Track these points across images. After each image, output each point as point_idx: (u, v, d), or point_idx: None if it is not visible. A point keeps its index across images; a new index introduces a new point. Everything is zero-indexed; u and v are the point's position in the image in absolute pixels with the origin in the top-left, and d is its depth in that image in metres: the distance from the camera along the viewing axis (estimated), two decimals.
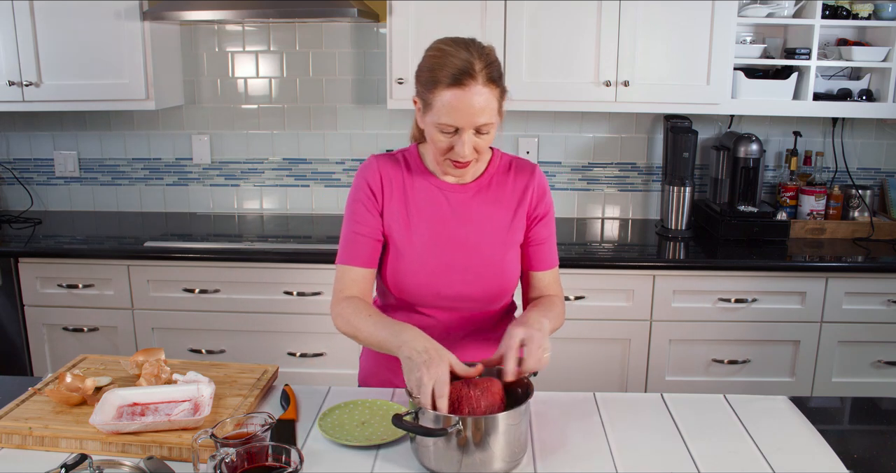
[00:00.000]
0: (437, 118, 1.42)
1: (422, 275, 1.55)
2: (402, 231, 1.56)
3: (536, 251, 1.62)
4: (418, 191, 1.57)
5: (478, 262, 1.56)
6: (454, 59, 1.40)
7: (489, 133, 1.45)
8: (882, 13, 2.78)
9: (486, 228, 1.57)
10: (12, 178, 3.34)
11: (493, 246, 1.57)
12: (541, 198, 1.61)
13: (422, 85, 1.45)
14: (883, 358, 2.69)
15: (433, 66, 1.42)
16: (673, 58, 2.72)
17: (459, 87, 1.39)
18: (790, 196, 3.05)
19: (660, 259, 2.72)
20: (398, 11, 2.72)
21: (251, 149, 3.26)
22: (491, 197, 1.59)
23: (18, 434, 1.36)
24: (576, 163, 3.20)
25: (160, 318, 2.75)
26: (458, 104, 1.40)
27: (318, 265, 2.66)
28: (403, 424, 1.24)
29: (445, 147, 1.45)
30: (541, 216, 1.61)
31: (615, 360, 2.71)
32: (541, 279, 1.64)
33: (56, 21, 2.80)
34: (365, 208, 1.56)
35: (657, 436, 1.43)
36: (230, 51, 3.16)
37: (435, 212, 1.57)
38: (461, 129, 1.42)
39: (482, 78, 1.40)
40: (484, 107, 1.41)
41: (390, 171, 1.58)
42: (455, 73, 1.39)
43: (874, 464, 1.34)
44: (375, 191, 1.57)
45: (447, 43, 1.45)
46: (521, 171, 1.61)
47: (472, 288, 1.56)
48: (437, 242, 1.56)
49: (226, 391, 1.53)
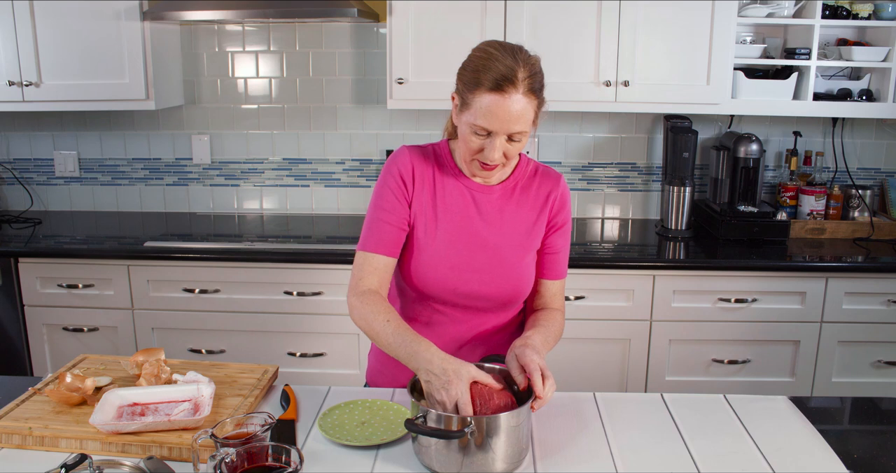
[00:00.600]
0: (473, 119, 1.43)
1: (441, 270, 1.56)
2: (427, 224, 1.57)
3: (550, 260, 1.63)
4: (447, 187, 1.58)
5: (496, 263, 1.57)
6: (499, 65, 1.40)
7: (521, 141, 1.46)
8: (882, 13, 2.78)
9: (507, 231, 1.58)
10: (12, 178, 3.34)
11: (513, 249, 1.58)
12: (562, 208, 1.62)
13: (463, 84, 1.46)
14: (883, 358, 2.69)
15: (477, 68, 1.43)
16: (673, 58, 2.72)
17: (499, 93, 1.39)
18: (790, 196, 3.05)
19: (660, 259, 2.72)
20: (398, 11, 2.72)
21: (251, 149, 3.26)
22: (515, 201, 1.60)
23: (18, 434, 1.36)
24: (576, 163, 3.20)
25: (160, 318, 2.75)
26: (496, 109, 1.40)
27: (318, 265, 2.67)
28: (416, 428, 1.25)
29: (476, 148, 1.46)
30: (559, 225, 1.62)
31: (615, 360, 2.71)
32: (548, 288, 1.65)
33: (56, 21, 2.80)
34: (394, 196, 1.56)
35: (657, 436, 1.43)
36: (230, 51, 3.16)
37: (461, 209, 1.57)
38: (494, 134, 1.43)
39: (524, 87, 1.40)
40: (520, 115, 1.41)
41: (422, 164, 1.58)
42: (497, 78, 1.39)
43: (874, 464, 1.34)
44: (407, 181, 1.57)
45: (495, 46, 1.45)
46: (546, 178, 1.62)
47: (489, 288, 1.57)
48: (460, 239, 1.57)
49: (226, 391, 1.53)
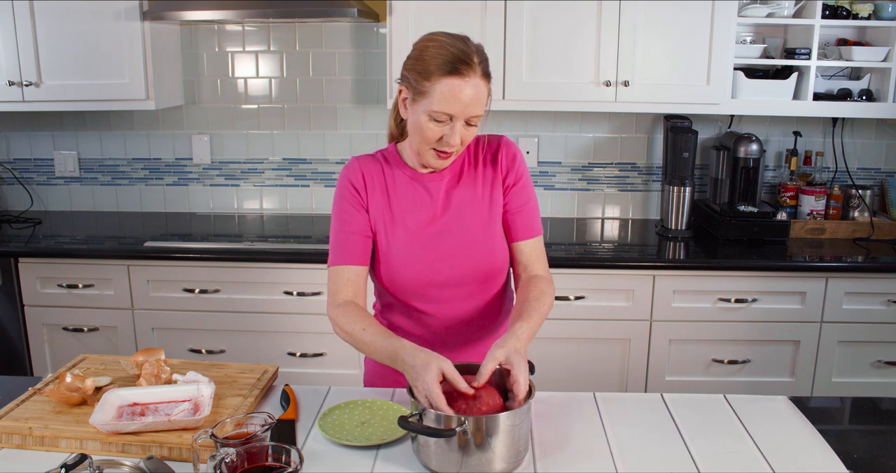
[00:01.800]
0: (432, 106, 1.43)
1: (413, 265, 1.56)
2: (387, 224, 1.57)
3: (515, 219, 1.61)
4: (398, 185, 1.59)
5: (464, 245, 1.57)
6: (452, 49, 1.43)
7: (476, 125, 1.48)
8: (882, 13, 2.78)
9: (467, 210, 1.58)
10: (12, 178, 3.34)
11: (478, 227, 1.58)
12: (511, 165, 1.61)
13: (416, 73, 1.46)
14: (883, 358, 2.69)
15: (432, 56, 1.44)
16: (673, 58, 2.72)
17: (458, 76, 1.41)
18: (790, 196, 3.05)
19: (660, 259, 2.72)
20: (398, 11, 2.72)
21: (251, 149, 3.26)
22: (466, 178, 1.60)
23: (18, 434, 1.36)
24: (576, 163, 3.20)
25: (160, 318, 2.75)
26: (457, 93, 1.42)
27: (318, 265, 2.66)
28: (409, 426, 1.24)
29: (435, 136, 1.46)
30: (513, 182, 1.61)
31: (615, 360, 2.71)
32: (523, 251, 1.61)
33: (56, 21, 2.80)
34: (351, 206, 1.57)
35: (657, 436, 1.43)
36: (230, 51, 3.16)
37: (416, 203, 1.58)
38: (454, 118, 1.44)
39: (480, 70, 1.44)
40: (478, 98, 1.44)
41: (371, 170, 1.60)
42: (454, 61, 1.41)
43: (874, 464, 1.34)
44: (359, 188, 1.58)
45: (441, 35, 1.48)
46: (490, 145, 1.63)
47: (464, 271, 1.57)
48: (423, 231, 1.57)
49: (226, 391, 1.53)
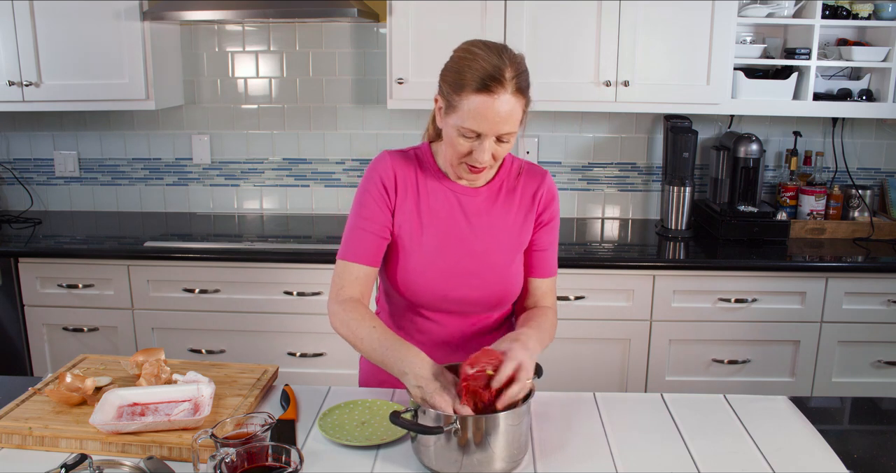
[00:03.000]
0: (461, 122, 1.39)
1: (430, 276, 1.53)
2: (413, 231, 1.54)
3: (538, 257, 1.60)
4: (431, 191, 1.55)
5: (485, 268, 1.54)
6: (485, 64, 1.36)
7: (509, 141, 1.43)
8: (882, 13, 2.78)
9: (495, 234, 1.56)
10: (12, 178, 3.34)
11: (501, 253, 1.56)
12: (548, 204, 1.59)
13: (448, 85, 1.41)
14: (883, 358, 2.69)
15: (462, 69, 1.38)
16: (673, 58, 2.72)
17: (488, 94, 1.35)
18: (790, 196, 3.05)
19: (660, 259, 2.72)
20: (398, 11, 2.72)
21: (251, 149, 3.26)
22: (501, 202, 1.57)
23: (18, 434, 1.36)
24: (576, 163, 3.20)
25: (160, 318, 2.75)
26: (485, 111, 1.36)
27: (318, 265, 2.66)
28: (400, 421, 1.24)
29: (464, 151, 1.43)
30: (546, 222, 1.60)
31: (615, 360, 2.71)
32: (538, 287, 1.62)
33: (56, 21, 2.80)
34: (376, 204, 1.53)
35: (657, 436, 1.43)
36: (230, 51, 3.16)
37: (447, 214, 1.54)
38: (483, 136, 1.39)
39: (511, 86, 1.36)
40: (509, 116, 1.37)
41: (404, 169, 1.55)
42: (484, 78, 1.35)
43: (874, 464, 1.34)
44: (388, 187, 1.53)
45: (479, 46, 1.40)
46: (531, 177, 1.59)
47: (478, 292, 1.55)
48: (448, 245, 1.54)
49: (226, 391, 1.53)
